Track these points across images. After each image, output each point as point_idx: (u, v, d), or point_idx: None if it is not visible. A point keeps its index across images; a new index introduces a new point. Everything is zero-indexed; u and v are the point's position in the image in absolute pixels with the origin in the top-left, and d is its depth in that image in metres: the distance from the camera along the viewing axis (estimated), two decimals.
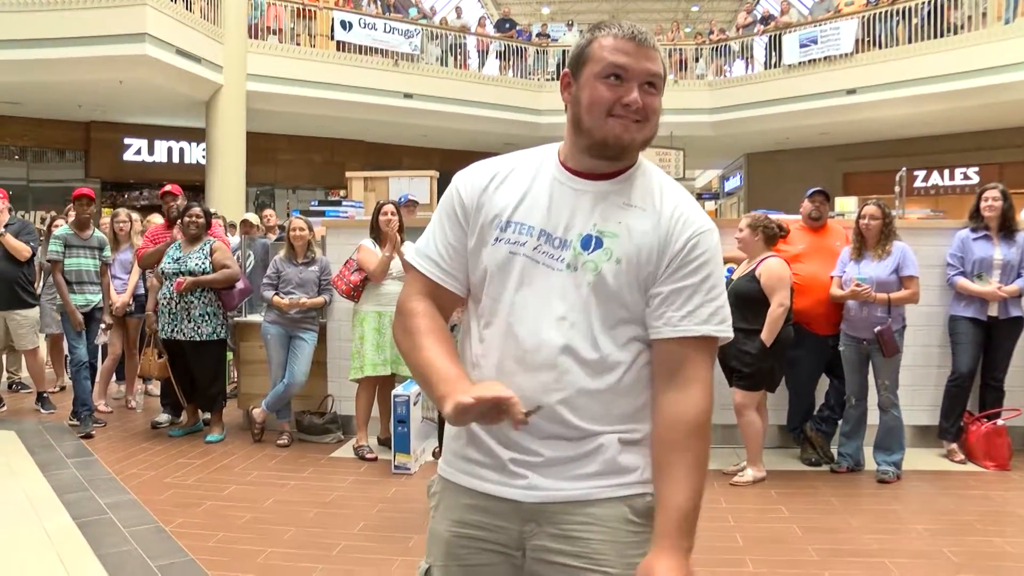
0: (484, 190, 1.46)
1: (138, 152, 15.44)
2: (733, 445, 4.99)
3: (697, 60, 16.38)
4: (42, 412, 6.26)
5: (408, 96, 14.45)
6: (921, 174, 15.33)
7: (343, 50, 14.21)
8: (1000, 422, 4.94)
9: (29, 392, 6.95)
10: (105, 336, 6.29)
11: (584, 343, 1.38)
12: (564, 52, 15.89)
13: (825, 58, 13.95)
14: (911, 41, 13.04)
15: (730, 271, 4.76)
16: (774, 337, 4.43)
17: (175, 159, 15.75)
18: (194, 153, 15.56)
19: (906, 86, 12.75)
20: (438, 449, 4.98)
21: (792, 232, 4.92)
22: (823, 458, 4.96)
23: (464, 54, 16.18)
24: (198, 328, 5.45)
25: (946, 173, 15.32)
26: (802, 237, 5.03)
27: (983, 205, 5.00)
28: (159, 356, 5.86)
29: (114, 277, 6.36)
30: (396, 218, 5.08)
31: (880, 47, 13.41)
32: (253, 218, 7.89)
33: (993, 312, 4.92)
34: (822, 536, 3.77)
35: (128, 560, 3.44)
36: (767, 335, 4.42)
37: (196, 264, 5.47)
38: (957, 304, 5.05)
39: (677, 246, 1.39)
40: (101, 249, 6.07)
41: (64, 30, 10.70)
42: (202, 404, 5.75)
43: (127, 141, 15.29)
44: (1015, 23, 11.60)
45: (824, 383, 5.14)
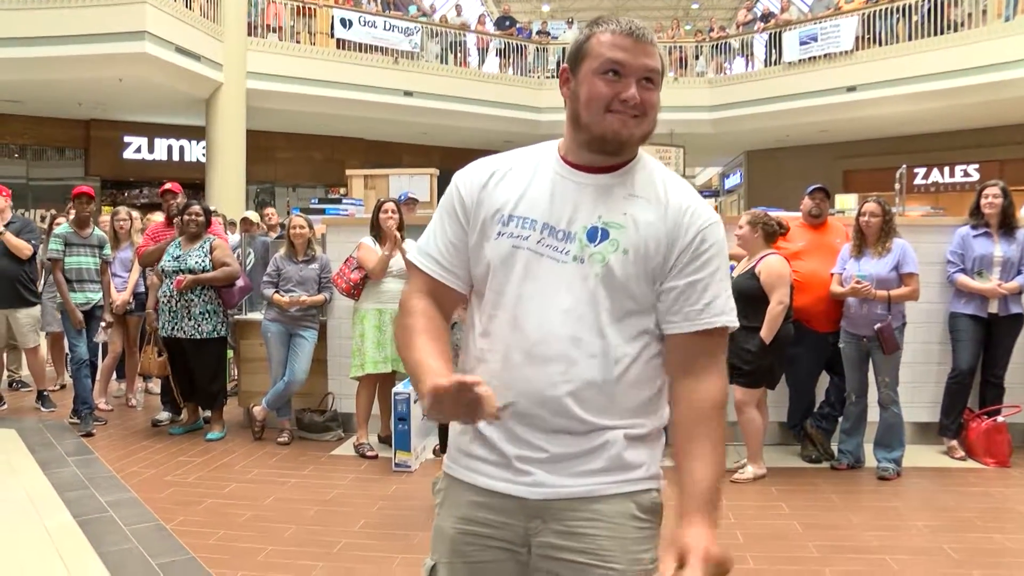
0: (484, 186, 1.47)
1: (138, 150, 15.44)
2: (733, 442, 5.00)
3: (697, 57, 16.38)
4: (42, 410, 6.26)
5: (408, 94, 14.45)
6: (921, 171, 15.33)
7: (343, 48, 14.21)
8: (1000, 419, 4.94)
9: (29, 390, 6.95)
10: (105, 334, 6.29)
11: (591, 335, 1.38)
12: (564, 50, 15.75)
13: (825, 55, 13.95)
14: (911, 38, 13.04)
15: (730, 268, 4.76)
16: (774, 334, 4.43)
17: (175, 157, 15.75)
18: (194, 151, 15.57)
19: (906, 83, 12.75)
20: (438, 447, 4.99)
21: (792, 229, 4.92)
22: (823, 455, 4.96)
23: (464, 52, 16.17)
24: (198, 326, 5.45)
25: (946, 170, 15.32)
26: (802, 234, 5.03)
27: (983, 202, 4.99)
28: (159, 354, 5.86)
29: (114, 275, 6.35)
30: (396, 216, 5.08)
31: (880, 44, 13.41)
32: (253, 216, 7.89)
33: (993, 309, 4.92)
34: (822, 533, 3.77)
35: (129, 558, 3.44)
36: (767, 332, 4.41)
37: (196, 262, 5.47)
38: (957, 301, 5.05)
39: (687, 238, 1.40)
40: (101, 247, 6.07)
41: (64, 28, 10.70)
42: (202, 402, 5.76)
43: (127, 139, 15.30)
44: (1015, 20, 11.59)
45: (824, 380, 5.14)
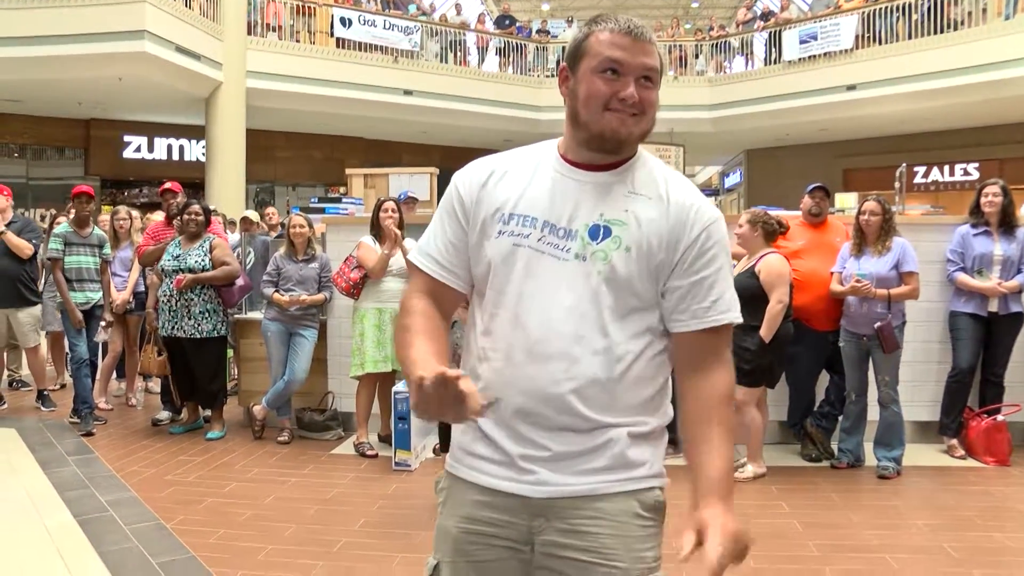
0: (483, 185, 1.47)
1: (138, 149, 15.45)
2: (733, 441, 4.99)
3: (697, 56, 16.37)
4: (43, 410, 6.26)
5: (408, 93, 14.44)
6: (921, 170, 15.33)
7: (343, 47, 14.21)
8: (1000, 418, 4.94)
9: (29, 390, 6.95)
10: (106, 334, 6.30)
11: (594, 332, 1.38)
12: (564, 48, 15.86)
13: (825, 54, 13.96)
14: (911, 37, 13.04)
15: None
16: (773, 333, 4.43)
17: (175, 156, 15.76)
18: (194, 150, 15.57)
19: (906, 82, 12.75)
20: (438, 446, 4.99)
21: (792, 228, 4.91)
22: (823, 454, 4.96)
23: (464, 51, 16.17)
24: (198, 325, 5.45)
25: (946, 169, 15.32)
26: (802, 233, 5.03)
27: (983, 201, 4.99)
28: (159, 354, 5.86)
29: (114, 275, 6.35)
30: (397, 215, 5.08)
31: (880, 43, 13.42)
32: (253, 215, 7.90)
33: (993, 308, 4.92)
34: (822, 532, 3.77)
35: (129, 557, 3.44)
36: (766, 331, 4.41)
37: (196, 261, 5.47)
38: (957, 300, 5.05)
39: (692, 236, 1.41)
40: (101, 247, 6.07)
41: (64, 27, 10.70)
42: (203, 401, 5.75)
43: (127, 138, 15.31)
44: (1015, 19, 11.59)
45: (824, 379, 5.14)
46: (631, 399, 1.41)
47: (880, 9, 13.43)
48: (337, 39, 14.21)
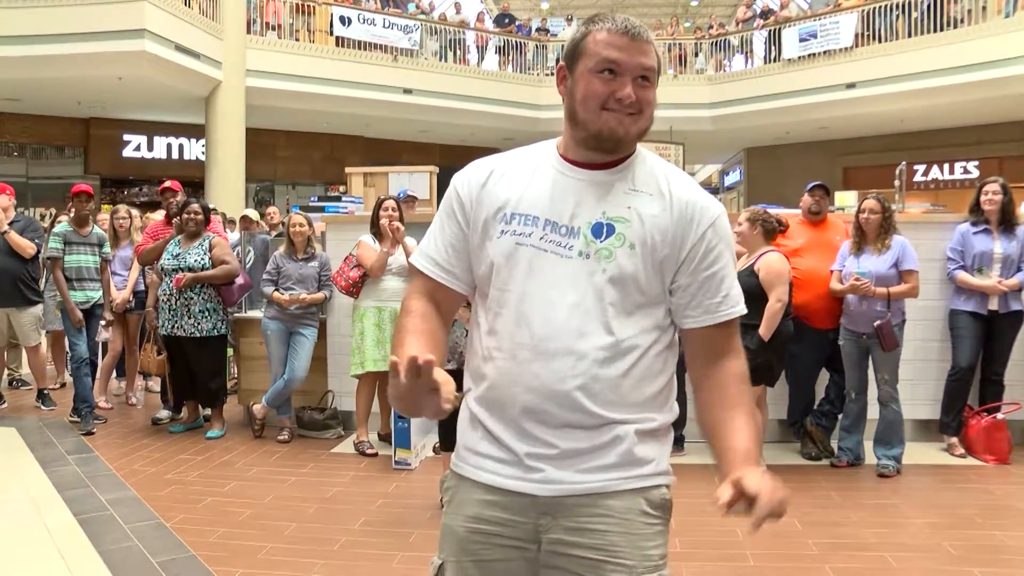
0: (483, 186, 1.48)
1: (137, 148, 15.44)
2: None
3: (697, 54, 16.37)
4: (43, 409, 6.26)
5: (407, 91, 14.44)
6: (921, 168, 15.33)
7: (342, 45, 14.20)
8: (1000, 416, 4.94)
9: (29, 389, 6.95)
10: (107, 332, 6.30)
11: (598, 329, 1.38)
12: (563, 47, 15.87)
13: (825, 52, 13.95)
14: (911, 35, 13.03)
15: None
16: (772, 332, 4.42)
17: (174, 155, 15.75)
18: (194, 149, 15.56)
19: (906, 80, 12.74)
20: (438, 445, 4.99)
21: (792, 226, 4.91)
22: (823, 452, 4.96)
23: (463, 49, 16.16)
24: (198, 324, 5.45)
25: (946, 167, 15.32)
26: (802, 232, 5.03)
27: (983, 199, 4.99)
28: (159, 353, 5.86)
29: (114, 274, 6.35)
30: (397, 214, 5.08)
31: (880, 41, 13.41)
32: (253, 214, 7.90)
33: (993, 306, 4.92)
34: (822, 530, 3.77)
35: (129, 556, 3.44)
36: (765, 330, 4.41)
37: (195, 260, 5.47)
38: (957, 298, 5.05)
39: (698, 234, 1.42)
40: (101, 246, 6.07)
41: (63, 26, 10.69)
42: (203, 400, 5.76)
43: (126, 137, 15.29)
44: (1015, 17, 11.58)
45: (824, 377, 5.14)
46: (637, 395, 1.41)
47: (880, 7, 13.42)
48: (337, 38, 14.20)
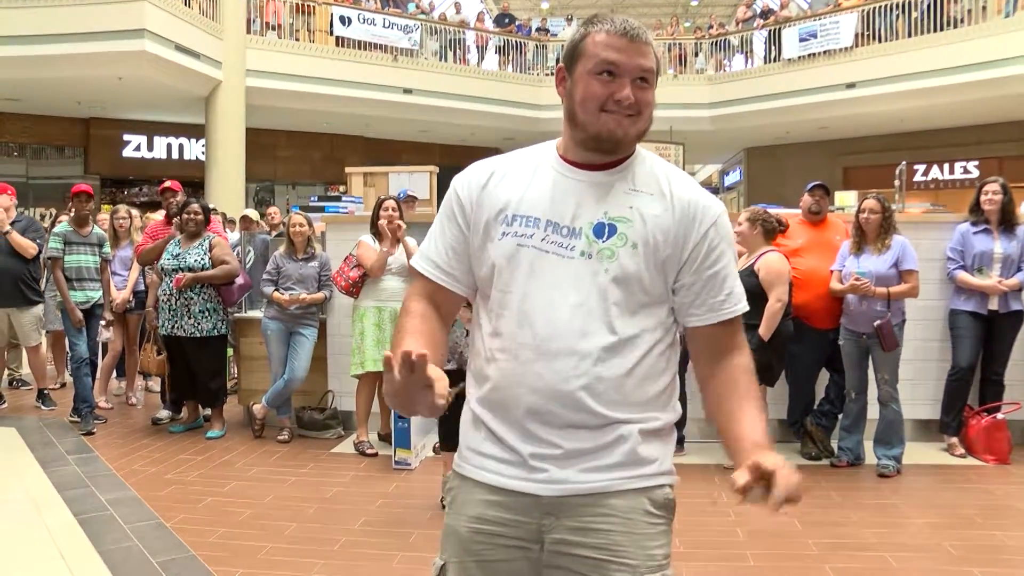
0: (483, 188, 1.48)
1: (137, 148, 15.43)
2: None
3: (697, 54, 16.37)
4: (43, 409, 6.26)
5: (407, 91, 14.43)
6: (921, 168, 15.33)
7: (342, 45, 14.19)
8: (1000, 416, 4.94)
9: (29, 389, 6.95)
10: (108, 332, 6.30)
11: (601, 329, 1.39)
12: (563, 47, 15.87)
13: (825, 52, 13.94)
14: (911, 35, 13.03)
15: None
16: (772, 332, 4.42)
17: (174, 155, 15.74)
18: (194, 149, 15.56)
19: (906, 80, 12.74)
20: (438, 445, 4.99)
21: (792, 226, 4.91)
22: (823, 452, 4.96)
23: (463, 49, 16.16)
24: (198, 324, 5.45)
25: (946, 167, 15.32)
26: (802, 231, 5.03)
27: (983, 199, 4.99)
28: (159, 353, 5.86)
29: (114, 274, 6.35)
30: (397, 214, 5.08)
31: (880, 41, 13.41)
32: (253, 214, 7.90)
33: (993, 306, 4.92)
34: (822, 530, 3.77)
35: (129, 556, 3.44)
36: (765, 330, 4.41)
37: (195, 260, 5.47)
38: (957, 298, 5.05)
39: (700, 233, 1.43)
40: (101, 246, 6.07)
41: (63, 26, 10.69)
42: (203, 400, 5.76)
43: (126, 137, 15.29)
44: (1015, 16, 11.58)
45: (824, 377, 5.14)
46: (641, 394, 1.42)
47: (880, 7, 13.42)
48: (337, 38, 14.20)
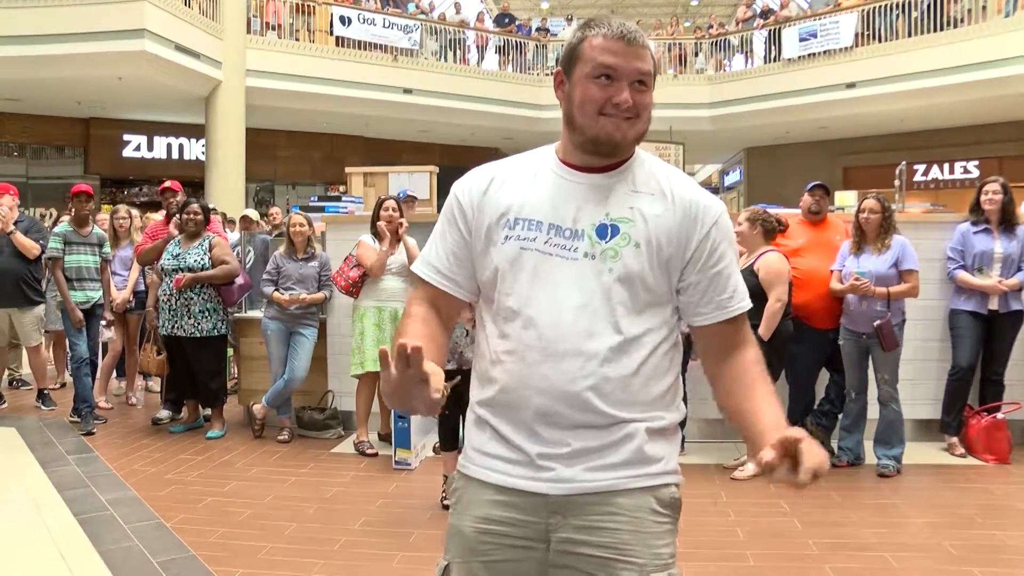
0: (484, 192, 1.49)
1: (137, 148, 15.43)
2: (733, 440, 5.00)
3: (696, 54, 16.36)
4: (43, 409, 6.26)
5: (407, 91, 14.43)
6: (921, 168, 15.32)
7: (342, 45, 14.19)
8: (1000, 416, 4.94)
9: (29, 389, 6.95)
10: (109, 332, 6.30)
11: (607, 329, 1.39)
12: (562, 49, 15.87)
13: (825, 52, 13.94)
14: (911, 35, 13.03)
15: None
16: (772, 331, 4.42)
17: (174, 155, 15.74)
18: (194, 149, 15.55)
19: (906, 80, 12.74)
20: (438, 445, 4.99)
21: (792, 226, 4.91)
22: None
23: (463, 49, 16.16)
24: (198, 324, 5.45)
25: (946, 167, 15.31)
26: (802, 231, 5.02)
27: (983, 199, 4.99)
28: (159, 353, 5.86)
29: (114, 274, 6.36)
30: (397, 214, 5.08)
31: (880, 41, 13.40)
32: (253, 214, 7.89)
33: (993, 306, 4.92)
34: (822, 530, 3.77)
35: (129, 556, 3.44)
36: (765, 330, 4.41)
37: (195, 260, 5.47)
38: (957, 298, 5.05)
39: (703, 232, 1.44)
40: (101, 246, 6.07)
41: (63, 26, 10.68)
42: (203, 400, 5.76)
43: (126, 137, 15.28)
44: (1015, 16, 11.58)
45: (824, 377, 5.14)
46: (646, 394, 1.42)
47: (880, 7, 13.41)
48: (337, 38, 14.19)
